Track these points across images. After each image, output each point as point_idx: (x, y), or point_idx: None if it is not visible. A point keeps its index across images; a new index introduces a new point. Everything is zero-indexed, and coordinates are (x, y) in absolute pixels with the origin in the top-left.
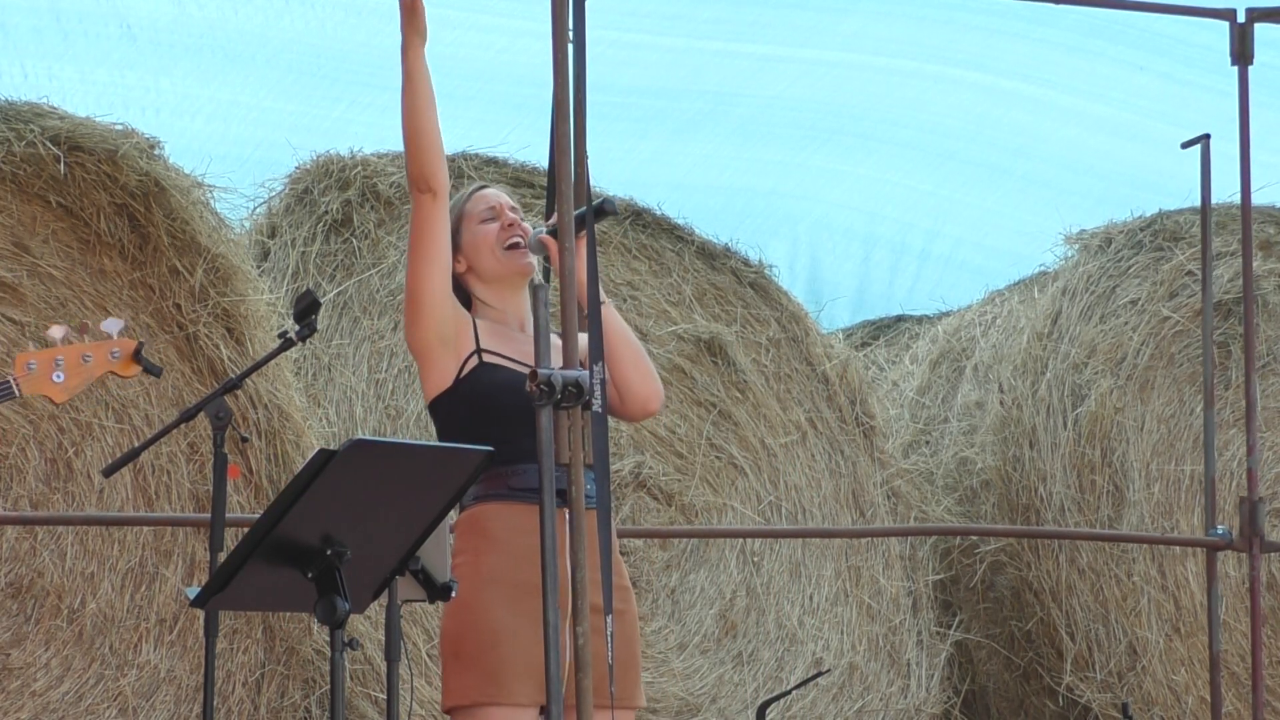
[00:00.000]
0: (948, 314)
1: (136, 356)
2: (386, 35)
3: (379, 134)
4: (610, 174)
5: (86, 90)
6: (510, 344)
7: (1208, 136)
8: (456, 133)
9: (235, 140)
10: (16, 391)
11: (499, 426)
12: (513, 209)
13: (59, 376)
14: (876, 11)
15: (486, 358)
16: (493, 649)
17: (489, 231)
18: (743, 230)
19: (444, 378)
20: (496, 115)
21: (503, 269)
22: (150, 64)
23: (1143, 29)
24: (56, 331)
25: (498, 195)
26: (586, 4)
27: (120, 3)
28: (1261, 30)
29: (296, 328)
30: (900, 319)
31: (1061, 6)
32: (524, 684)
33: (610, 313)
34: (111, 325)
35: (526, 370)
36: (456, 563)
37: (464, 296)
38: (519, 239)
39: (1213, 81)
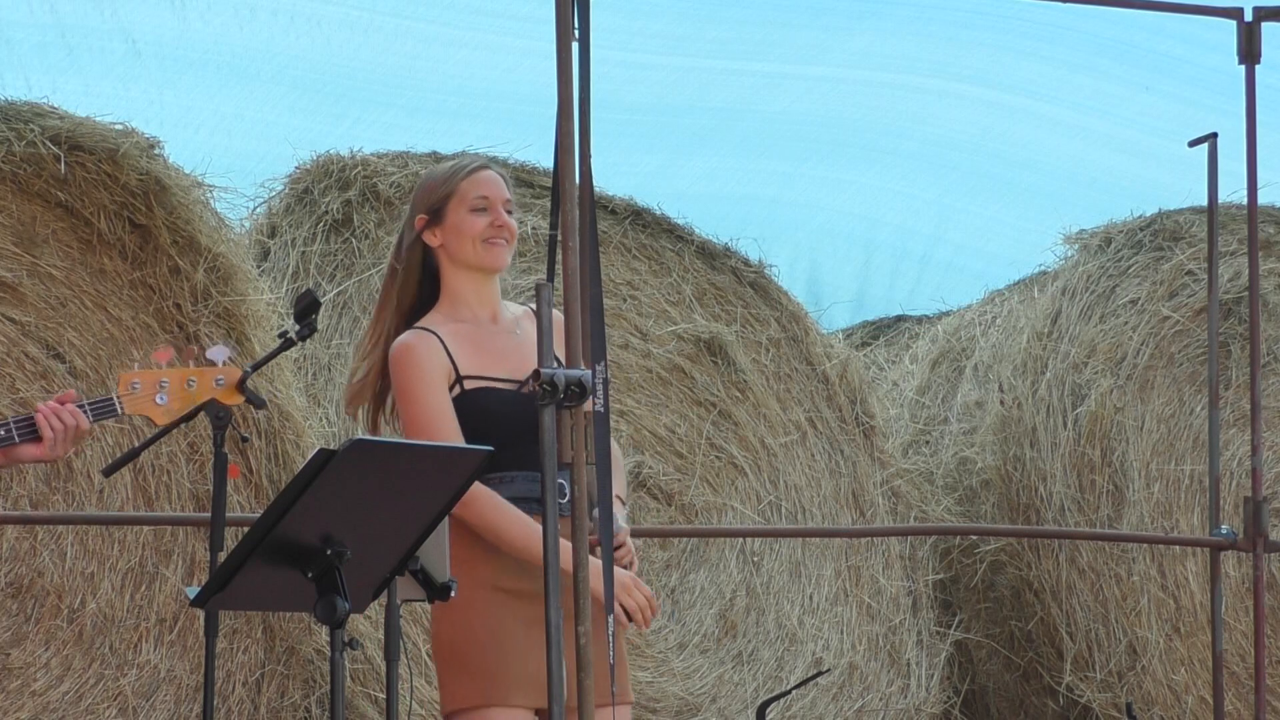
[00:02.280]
0: (947, 314)
1: (241, 387)
2: (391, 53)
3: (383, 148)
4: (614, 184)
5: (90, 101)
6: (485, 353)
7: (1215, 135)
8: (461, 145)
9: (238, 153)
10: (119, 409)
11: (494, 443)
12: (507, 204)
13: (162, 399)
14: (882, 30)
15: (468, 384)
16: (485, 654)
17: (475, 222)
18: (744, 236)
19: None
20: (501, 132)
21: (479, 261)
22: (154, 77)
23: (1148, 49)
24: (162, 354)
25: (497, 186)
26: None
27: (125, 17)
28: (1268, 29)
29: (296, 328)
30: (900, 319)
31: (1068, 21)
32: (522, 689)
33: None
34: (218, 353)
35: (507, 384)
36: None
37: (428, 272)
38: (502, 241)
39: (1217, 101)
